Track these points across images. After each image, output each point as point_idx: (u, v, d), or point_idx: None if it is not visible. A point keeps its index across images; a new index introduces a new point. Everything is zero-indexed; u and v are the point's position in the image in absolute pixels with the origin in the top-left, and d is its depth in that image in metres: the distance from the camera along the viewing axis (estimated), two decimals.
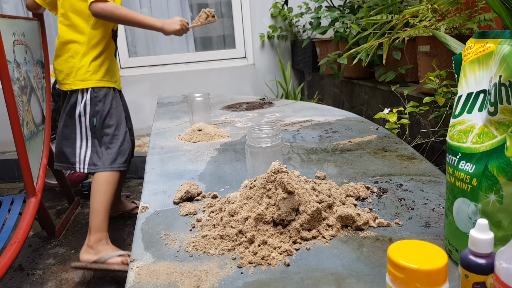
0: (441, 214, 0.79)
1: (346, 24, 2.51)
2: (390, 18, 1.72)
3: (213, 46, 3.79)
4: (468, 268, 0.48)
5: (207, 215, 0.81)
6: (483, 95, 0.60)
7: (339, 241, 0.71)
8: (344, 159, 1.12)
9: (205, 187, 0.99)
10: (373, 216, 0.77)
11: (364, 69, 2.41)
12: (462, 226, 0.61)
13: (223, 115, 1.80)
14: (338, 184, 0.92)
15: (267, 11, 3.62)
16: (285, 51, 3.76)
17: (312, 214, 0.72)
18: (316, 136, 1.36)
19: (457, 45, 1.03)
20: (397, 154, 1.13)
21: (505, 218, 0.55)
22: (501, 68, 0.54)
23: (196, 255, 0.70)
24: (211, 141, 1.38)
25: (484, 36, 0.61)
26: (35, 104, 2.04)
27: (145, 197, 0.96)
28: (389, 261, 0.44)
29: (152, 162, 1.20)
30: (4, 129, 2.19)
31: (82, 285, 1.82)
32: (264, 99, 2.10)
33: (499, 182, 0.55)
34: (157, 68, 3.67)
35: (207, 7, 2.19)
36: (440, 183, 0.93)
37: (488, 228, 0.47)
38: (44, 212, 2.12)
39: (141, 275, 0.65)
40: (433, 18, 1.70)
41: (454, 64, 0.67)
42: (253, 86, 3.77)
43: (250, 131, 0.98)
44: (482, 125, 0.58)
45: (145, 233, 0.79)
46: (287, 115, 1.71)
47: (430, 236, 0.71)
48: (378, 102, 2.35)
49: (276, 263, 0.65)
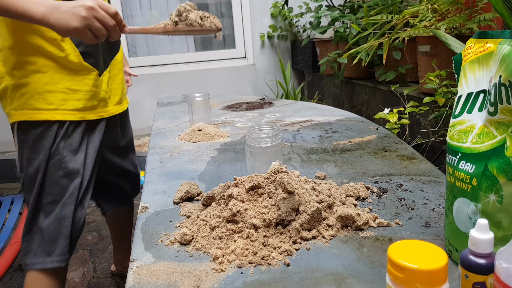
0: (441, 214, 0.79)
1: (346, 24, 2.51)
2: (390, 18, 1.72)
3: (213, 46, 3.79)
4: (468, 268, 0.48)
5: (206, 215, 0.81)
6: (483, 95, 0.60)
7: (339, 241, 0.71)
8: (344, 159, 1.12)
9: (205, 187, 0.99)
10: (373, 216, 0.77)
11: (364, 69, 2.41)
12: (462, 226, 0.61)
13: (223, 115, 1.80)
14: (338, 184, 0.92)
15: (267, 11, 3.62)
16: (285, 51, 3.76)
17: (312, 214, 0.72)
18: (316, 136, 1.36)
19: (457, 44, 1.03)
20: (397, 154, 1.13)
21: (505, 218, 0.55)
22: (501, 68, 0.54)
23: (196, 255, 0.70)
24: (211, 141, 1.38)
25: (484, 36, 0.61)
26: None
27: (145, 197, 0.96)
28: (389, 261, 0.44)
29: (152, 162, 1.20)
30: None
31: (82, 285, 1.82)
32: (264, 99, 2.10)
33: (499, 182, 0.55)
34: (157, 68, 3.67)
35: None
36: (440, 183, 0.93)
37: (488, 228, 0.47)
38: None
39: (141, 275, 0.65)
40: (433, 18, 1.70)
41: (454, 64, 0.67)
42: (253, 86, 3.77)
43: (250, 131, 0.97)
44: (482, 125, 0.58)
45: (145, 233, 0.79)
46: (287, 115, 1.71)
47: (430, 236, 0.71)
48: (378, 102, 2.35)
49: (276, 263, 0.65)
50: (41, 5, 0.91)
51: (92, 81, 1.19)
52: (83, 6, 0.88)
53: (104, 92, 1.25)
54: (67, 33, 0.91)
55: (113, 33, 0.94)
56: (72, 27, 0.89)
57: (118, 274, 1.81)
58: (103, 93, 1.25)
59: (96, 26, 0.90)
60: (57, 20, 0.89)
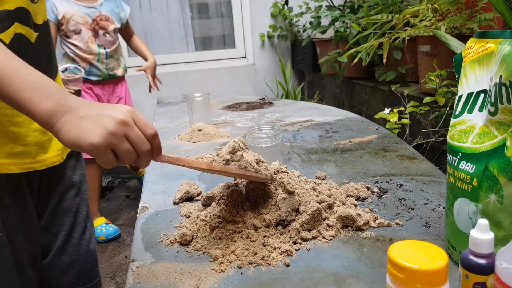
0: (442, 214, 0.78)
1: (346, 23, 2.51)
2: (391, 18, 1.72)
3: (213, 46, 3.79)
4: (469, 268, 0.48)
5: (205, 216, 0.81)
6: (483, 95, 0.60)
7: (339, 242, 0.71)
8: (344, 159, 1.12)
9: (205, 187, 0.98)
10: (374, 216, 0.77)
11: (364, 69, 2.40)
12: (463, 226, 0.61)
13: (223, 115, 1.80)
14: (338, 184, 0.92)
15: (267, 10, 3.62)
16: (285, 51, 3.76)
17: (312, 214, 0.72)
18: (316, 136, 1.36)
19: (457, 44, 1.03)
20: (398, 154, 1.13)
21: (505, 218, 0.55)
22: (502, 68, 0.54)
23: (196, 255, 0.69)
24: (211, 141, 1.38)
25: (484, 36, 0.61)
26: None
27: (145, 197, 0.96)
28: (389, 262, 0.44)
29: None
30: None
31: None
32: (264, 99, 2.10)
33: (499, 182, 0.55)
34: (157, 68, 3.67)
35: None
36: (441, 183, 0.92)
37: (488, 228, 0.47)
38: None
39: (141, 276, 0.65)
40: (434, 18, 1.70)
41: (455, 64, 0.66)
42: (253, 86, 3.77)
43: (250, 131, 0.97)
44: (483, 125, 0.58)
45: (145, 233, 0.79)
46: (287, 115, 1.71)
47: (430, 236, 0.71)
48: (378, 102, 2.35)
49: (276, 264, 0.65)
50: (51, 98, 0.60)
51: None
52: (113, 118, 0.59)
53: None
54: (77, 147, 0.60)
55: (143, 160, 0.65)
56: (87, 143, 0.58)
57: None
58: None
59: (124, 148, 0.61)
60: (69, 127, 0.59)
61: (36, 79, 0.61)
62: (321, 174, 0.99)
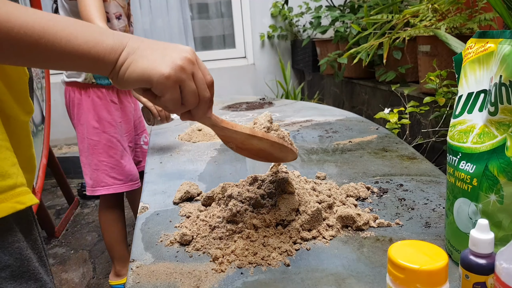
0: (442, 214, 0.78)
1: (346, 23, 2.51)
2: (391, 18, 1.72)
3: (213, 46, 3.79)
4: (469, 268, 0.48)
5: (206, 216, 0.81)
6: (483, 95, 0.60)
7: (339, 242, 0.71)
8: (344, 159, 1.12)
9: (205, 187, 0.98)
10: (374, 216, 0.77)
11: (364, 69, 2.41)
12: (463, 226, 0.61)
13: (223, 115, 1.79)
14: (338, 184, 0.92)
15: (267, 10, 3.62)
16: (285, 51, 3.76)
17: (312, 214, 0.72)
18: (316, 136, 1.36)
19: (457, 44, 1.03)
20: (398, 154, 1.13)
21: (505, 218, 0.55)
22: (502, 68, 0.54)
23: (196, 255, 0.69)
24: (211, 141, 1.38)
25: (484, 36, 0.61)
26: (35, 104, 2.04)
27: (145, 197, 0.96)
28: (389, 262, 0.44)
29: (152, 162, 1.20)
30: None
31: (82, 285, 1.82)
32: (264, 99, 2.10)
33: (499, 182, 0.55)
34: None
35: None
36: (441, 183, 0.92)
37: (488, 228, 0.47)
38: (43, 212, 2.12)
39: (141, 276, 0.65)
40: (434, 18, 1.70)
41: (455, 64, 0.66)
42: (253, 86, 3.77)
43: None
44: (483, 125, 0.58)
45: (145, 233, 0.79)
46: (287, 115, 1.71)
47: (430, 236, 0.71)
48: (378, 102, 2.35)
49: (276, 264, 0.65)
50: (105, 36, 0.54)
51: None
52: (182, 53, 0.55)
53: None
54: (144, 80, 0.54)
55: (201, 108, 0.59)
56: (158, 73, 0.52)
57: None
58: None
59: (192, 88, 0.55)
60: (135, 58, 0.53)
61: (81, 26, 0.53)
62: (321, 174, 0.99)
